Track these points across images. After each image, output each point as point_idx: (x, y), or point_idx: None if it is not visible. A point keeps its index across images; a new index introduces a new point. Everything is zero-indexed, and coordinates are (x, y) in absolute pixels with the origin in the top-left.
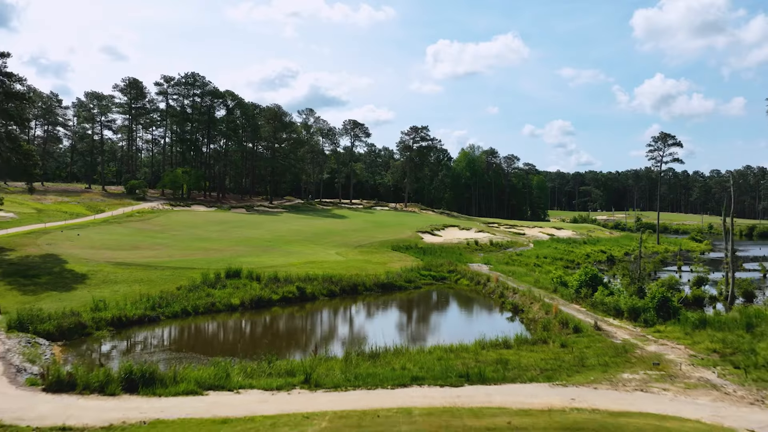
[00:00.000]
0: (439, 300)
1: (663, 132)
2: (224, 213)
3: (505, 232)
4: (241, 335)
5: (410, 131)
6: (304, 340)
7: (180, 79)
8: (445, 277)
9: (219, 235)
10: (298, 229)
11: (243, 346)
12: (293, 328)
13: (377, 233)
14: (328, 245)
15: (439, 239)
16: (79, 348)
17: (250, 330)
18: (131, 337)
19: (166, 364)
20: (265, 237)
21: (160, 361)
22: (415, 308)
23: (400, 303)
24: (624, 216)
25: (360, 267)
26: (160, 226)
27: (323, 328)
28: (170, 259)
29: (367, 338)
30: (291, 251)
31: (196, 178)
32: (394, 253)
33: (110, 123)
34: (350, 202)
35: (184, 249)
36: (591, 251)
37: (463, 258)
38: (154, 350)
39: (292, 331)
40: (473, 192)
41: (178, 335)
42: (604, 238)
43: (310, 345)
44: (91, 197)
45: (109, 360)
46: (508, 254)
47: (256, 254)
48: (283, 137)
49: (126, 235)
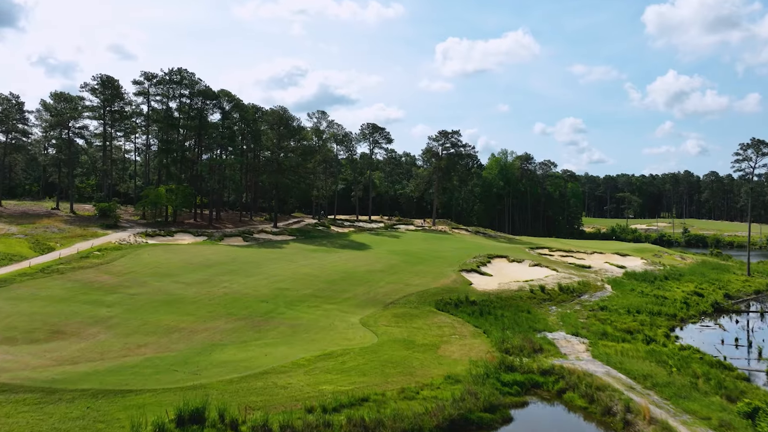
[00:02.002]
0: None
1: (755, 138)
2: (214, 247)
3: (565, 265)
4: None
5: (438, 136)
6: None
7: (163, 77)
8: (539, 383)
9: (197, 292)
10: (307, 274)
11: None
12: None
13: (411, 276)
14: (349, 304)
15: (492, 283)
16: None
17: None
18: None
19: None
20: (262, 292)
21: None
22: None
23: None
24: (666, 225)
25: (402, 361)
26: (118, 277)
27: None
28: (98, 365)
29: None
30: (297, 325)
31: (184, 197)
32: (441, 316)
33: (81, 130)
34: (369, 219)
35: (133, 332)
36: (685, 295)
37: (536, 319)
38: None
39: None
40: (506, 203)
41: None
42: (683, 269)
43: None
44: (50, 224)
45: None
46: (589, 308)
47: (243, 341)
48: (290, 146)
49: (56, 301)
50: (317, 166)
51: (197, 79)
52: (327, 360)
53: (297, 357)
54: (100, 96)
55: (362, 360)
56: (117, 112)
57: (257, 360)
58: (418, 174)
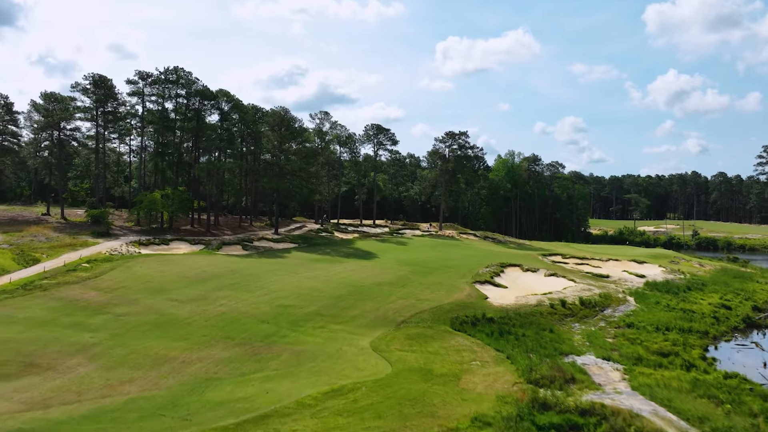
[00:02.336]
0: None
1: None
2: (211, 257)
3: (581, 274)
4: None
5: (445, 137)
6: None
7: (159, 76)
8: (578, 425)
9: (192, 311)
10: (311, 288)
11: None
12: None
13: (423, 289)
14: (357, 324)
15: (509, 297)
16: None
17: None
18: None
19: None
20: (263, 310)
21: None
22: None
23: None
24: (675, 227)
25: (421, 397)
26: (106, 294)
27: None
28: (74, 409)
29: None
30: (302, 351)
31: (180, 203)
32: (458, 337)
33: (73, 132)
34: (373, 224)
35: (118, 363)
36: (713, 309)
37: (561, 339)
38: None
39: None
40: (513, 205)
41: None
42: (704, 277)
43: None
44: (38, 232)
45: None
46: (614, 325)
47: (242, 373)
48: (291, 148)
49: (35, 324)
50: (321, 169)
51: (194, 79)
52: (337, 398)
53: (302, 394)
54: (92, 96)
55: (376, 397)
56: (110, 113)
57: (257, 399)
58: (423, 176)
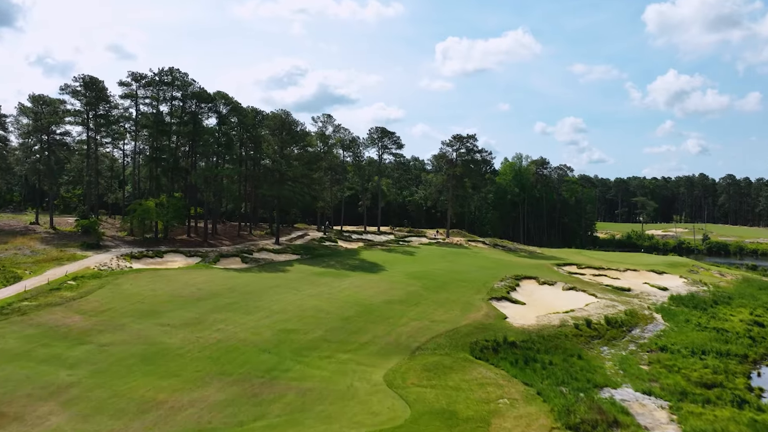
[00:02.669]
0: None
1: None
2: (208, 272)
3: (601, 287)
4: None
5: (453, 141)
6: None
7: (153, 78)
8: None
9: (184, 339)
10: (315, 308)
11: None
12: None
13: (436, 308)
14: (368, 352)
15: (529, 316)
16: None
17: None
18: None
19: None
20: (264, 337)
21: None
22: None
23: None
24: (684, 231)
25: None
26: (91, 318)
27: None
28: None
29: None
30: (307, 390)
31: (176, 211)
32: (480, 367)
33: (63, 136)
34: (378, 231)
35: (97, 411)
36: (745, 326)
37: (591, 367)
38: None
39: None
40: (520, 210)
41: None
42: (729, 289)
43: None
44: (23, 244)
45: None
46: (646, 348)
47: (239, 422)
48: (293, 153)
49: (7, 359)
50: (324, 175)
51: (190, 80)
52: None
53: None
54: (83, 99)
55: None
56: (102, 116)
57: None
58: (428, 180)
